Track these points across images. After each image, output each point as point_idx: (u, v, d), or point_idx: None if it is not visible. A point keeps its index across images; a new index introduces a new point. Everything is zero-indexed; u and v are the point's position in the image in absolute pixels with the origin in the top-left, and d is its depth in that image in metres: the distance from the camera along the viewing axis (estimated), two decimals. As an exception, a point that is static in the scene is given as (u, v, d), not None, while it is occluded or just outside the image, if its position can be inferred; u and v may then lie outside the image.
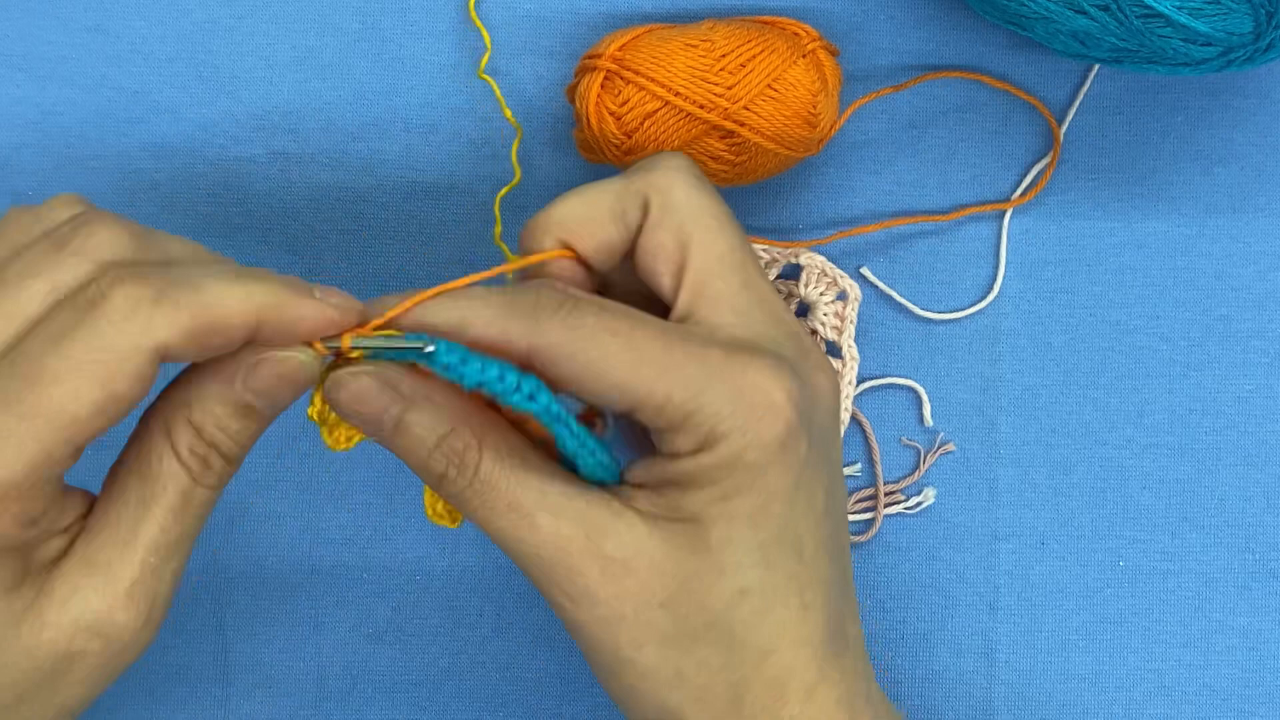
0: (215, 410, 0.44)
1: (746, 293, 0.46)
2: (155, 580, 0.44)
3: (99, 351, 0.41)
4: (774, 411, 0.43)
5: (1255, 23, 0.51)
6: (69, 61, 0.59)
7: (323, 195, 0.59)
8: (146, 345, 0.41)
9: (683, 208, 0.46)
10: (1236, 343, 0.60)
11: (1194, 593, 0.60)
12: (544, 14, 0.59)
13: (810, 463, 0.45)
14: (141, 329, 0.41)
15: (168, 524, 0.44)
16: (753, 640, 0.44)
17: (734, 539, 0.44)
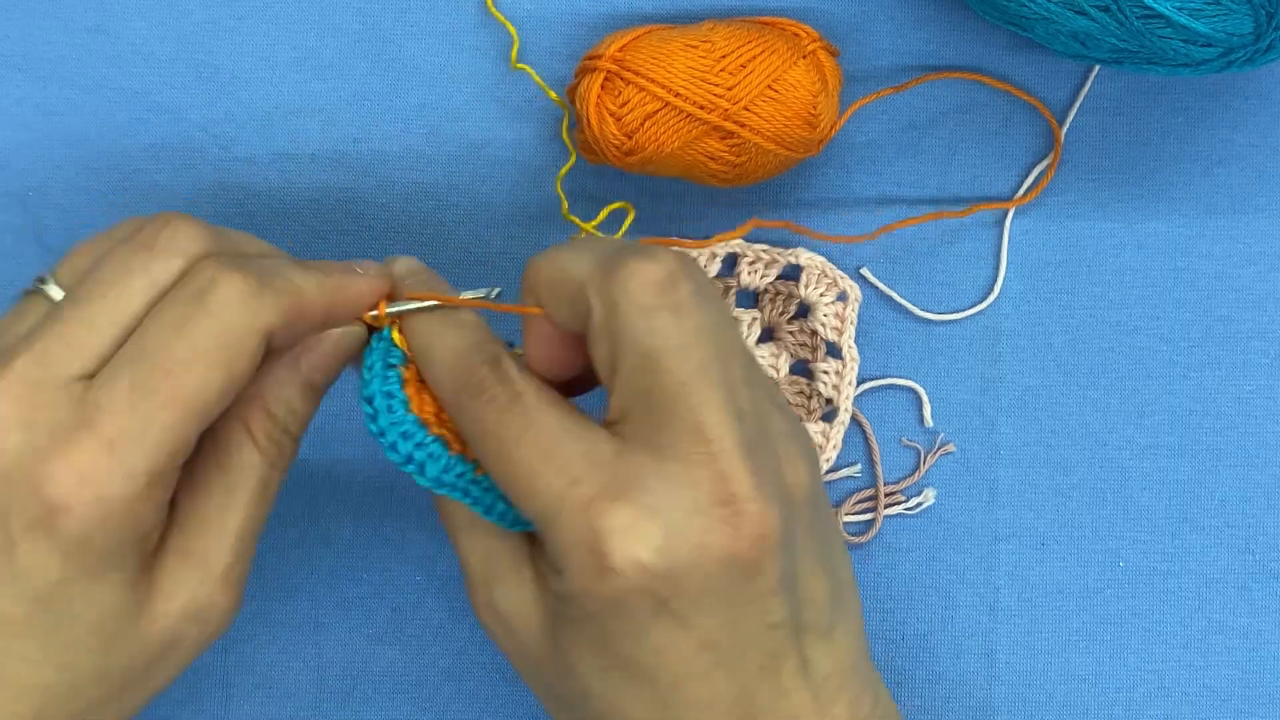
0: (287, 393, 0.48)
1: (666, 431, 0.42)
2: (242, 564, 0.47)
3: (221, 336, 0.44)
4: (605, 575, 0.42)
5: (1255, 23, 0.51)
6: (69, 62, 0.59)
7: (323, 195, 0.59)
8: (259, 327, 0.44)
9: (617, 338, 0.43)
10: (1237, 343, 0.60)
11: (1194, 593, 0.60)
12: (543, 14, 0.59)
13: (669, 616, 0.42)
14: (254, 313, 0.44)
15: (252, 510, 0.47)
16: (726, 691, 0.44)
17: (579, 653, 0.44)
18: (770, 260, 0.59)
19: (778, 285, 0.59)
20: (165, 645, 0.46)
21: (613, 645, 0.43)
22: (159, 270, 0.45)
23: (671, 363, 0.42)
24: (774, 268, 0.59)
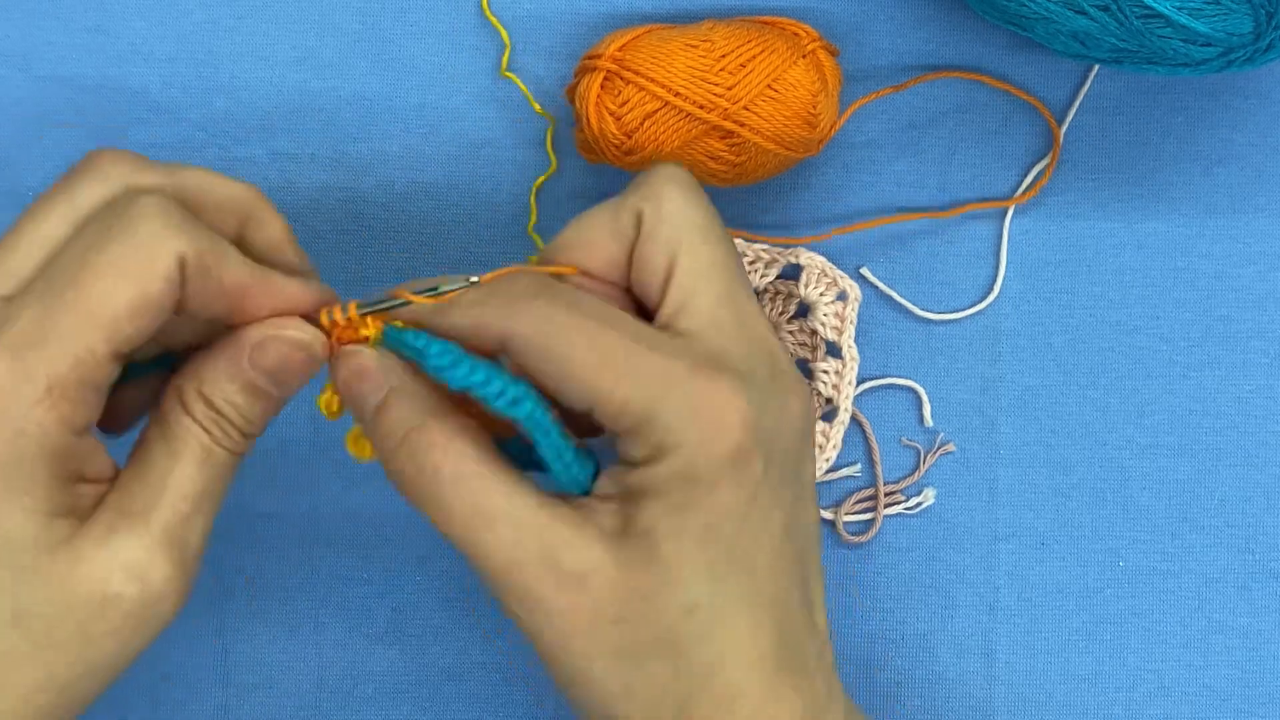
0: (224, 386, 0.46)
1: (726, 308, 0.46)
2: (185, 529, 0.45)
3: (134, 249, 0.43)
4: (726, 430, 0.43)
5: (1255, 23, 0.51)
6: (69, 61, 0.59)
7: (323, 195, 0.59)
8: (174, 248, 0.43)
9: (672, 219, 0.46)
10: (1237, 343, 0.60)
11: (1194, 593, 0.60)
12: (544, 14, 0.59)
13: (767, 484, 0.45)
14: (171, 232, 0.43)
15: (193, 474, 0.46)
16: (700, 656, 0.44)
17: (684, 554, 0.44)
18: (770, 260, 0.59)
19: (778, 285, 0.59)
20: (96, 599, 0.44)
21: (722, 526, 0.44)
22: (81, 195, 0.45)
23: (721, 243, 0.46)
24: (774, 267, 0.59)
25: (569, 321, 0.44)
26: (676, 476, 0.43)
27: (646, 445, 0.43)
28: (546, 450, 0.45)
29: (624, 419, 0.43)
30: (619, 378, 0.43)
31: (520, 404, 0.44)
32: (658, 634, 0.44)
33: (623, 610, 0.44)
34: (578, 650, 0.44)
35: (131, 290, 0.43)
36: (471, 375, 0.44)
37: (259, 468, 0.60)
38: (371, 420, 0.46)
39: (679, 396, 0.43)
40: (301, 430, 0.60)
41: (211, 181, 0.47)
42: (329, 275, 0.59)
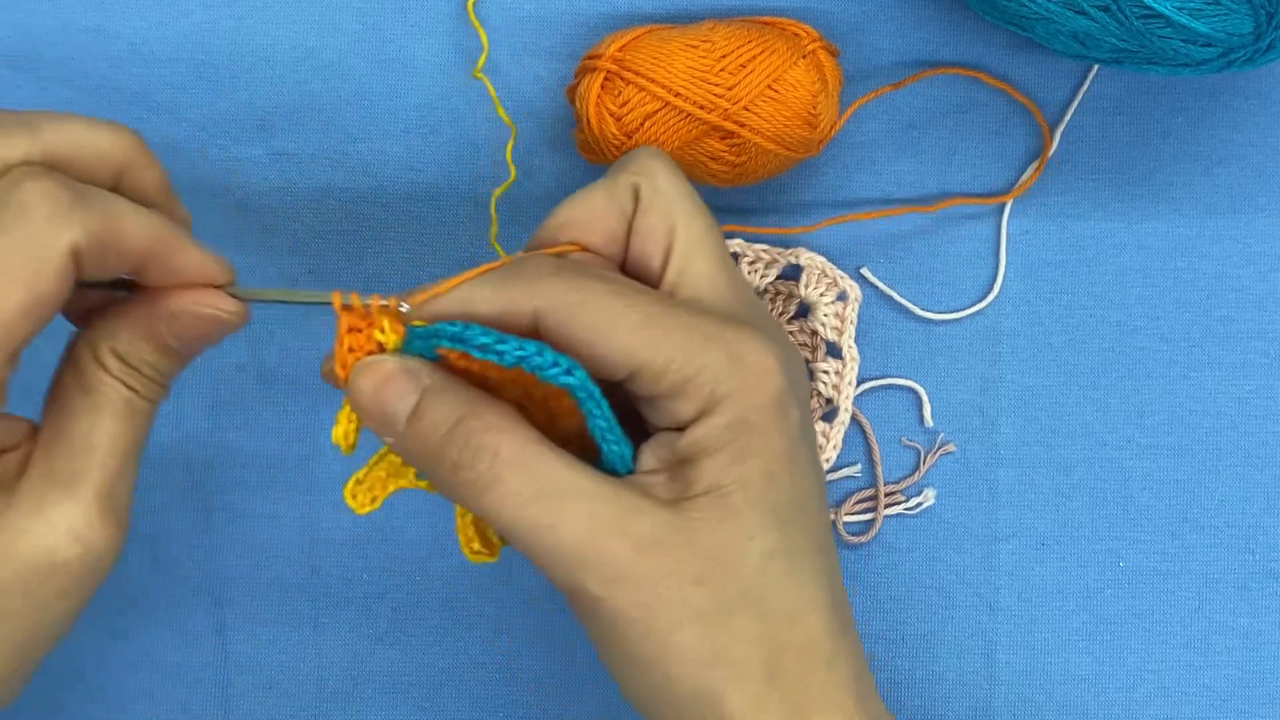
0: (140, 349, 0.46)
1: (723, 272, 0.47)
2: (117, 484, 0.45)
3: (23, 251, 0.42)
4: (768, 375, 0.44)
5: (1255, 23, 0.51)
6: (69, 61, 0.59)
7: (323, 195, 0.59)
8: (66, 244, 0.42)
9: (667, 192, 0.47)
10: (1237, 343, 0.60)
11: (1194, 593, 0.60)
12: (544, 14, 0.59)
13: (803, 429, 0.46)
14: (61, 222, 0.42)
15: (119, 429, 0.45)
16: (782, 605, 0.44)
17: (753, 502, 0.44)
18: (770, 260, 0.59)
19: (778, 285, 0.59)
20: (42, 567, 0.44)
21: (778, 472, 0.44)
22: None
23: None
24: (774, 268, 0.59)
25: (601, 289, 0.44)
26: (732, 426, 0.44)
27: (696, 399, 0.44)
28: (599, 421, 0.44)
29: (668, 377, 0.43)
30: (660, 338, 0.43)
31: (574, 372, 0.43)
32: (741, 587, 0.44)
33: (704, 569, 0.43)
34: (664, 620, 0.43)
35: (22, 293, 0.42)
36: (523, 348, 0.43)
37: (259, 468, 0.60)
38: (406, 428, 0.44)
39: (719, 349, 0.44)
40: (301, 430, 0.60)
41: (83, 136, 0.45)
42: (329, 275, 0.59)
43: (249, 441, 0.60)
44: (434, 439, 0.44)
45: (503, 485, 0.43)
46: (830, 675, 0.45)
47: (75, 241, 0.42)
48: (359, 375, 0.45)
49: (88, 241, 0.42)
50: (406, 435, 0.44)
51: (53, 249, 0.42)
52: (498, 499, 0.43)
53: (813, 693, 0.44)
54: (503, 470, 0.43)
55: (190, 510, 0.60)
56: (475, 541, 0.48)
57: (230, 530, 0.60)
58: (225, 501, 0.60)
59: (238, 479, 0.60)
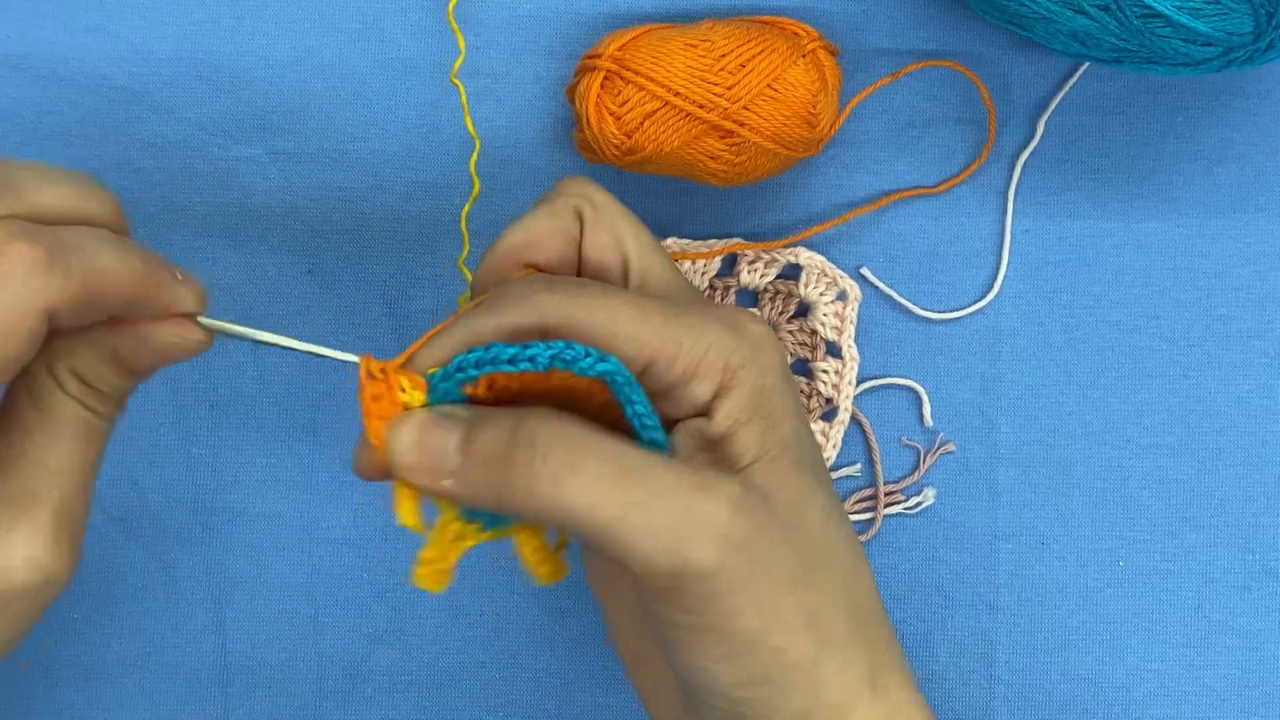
0: (100, 369, 0.45)
1: (673, 275, 0.48)
2: (75, 505, 0.45)
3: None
4: (769, 341, 0.46)
5: (1255, 23, 0.51)
6: (69, 61, 0.59)
7: (323, 195, 0.59)
8: (39, 308, 0.41)
9: (608, 208, 0.48)
10: (1236, 343, 0.60)
11: (1194, 593, 0.60)
12: (544, 14, 0.59)
13: (796, 392, 0.47)
14: (36, 291, 0.41)
15: (77, 449, 0.44)
16: (844, 560, 0.45)
17: (797, 462, 0.45)
18: (770, 259, 0.59)
19: (777, 284, 0.59)
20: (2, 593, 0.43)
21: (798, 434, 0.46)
22: None
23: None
24: (774, 267, 0.59)
25: (598, 292, 0.45)
26: (755, 394, 0.44)
27: (712, 376, 0.44)
28: (638, 407, 0.43)
29: (682, 360, 0.44)
30: (664, 326, 0.44)
31: (608, 359, 0.43)
32: (815, 545, 0.44)
33: (785, 532, 0.43)
34: (769, 587, 0.42)
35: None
36: (552, 347, 0.43)
37: (259, 468, 0.60)
38: (463, 457, 0.43)
39: (718, 325, 0.45)
40: (301, 431, 0.60)
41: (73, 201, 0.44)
42: (328, 275, 0.59)
43: (249, 441, 0.60)
44: (497, 450, 0.42)
45: (584, 471, 0.41)
46: (885, 630, 0.46)
47: (50, 305, 0.41)
48: (395, 431, 0.43)
49: (65, 303, 0.42)
50: (465, 465, 0.43)
51: (26, 316, 0.41)
52: (580, 487, 0.41)
53: (879, 650, 0.45)
54: (579, 456, 0.42)
55: (190, 510, 0.60)
56: (546, 564, 0.46)
57: (230, 530, 0.60)
58: (225, 501, 0.60)
59: (238, 479, 0.60)
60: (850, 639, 0.44)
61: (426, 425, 0.43)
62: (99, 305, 0.43)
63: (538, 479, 0.41)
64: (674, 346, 0.44)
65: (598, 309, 0.44)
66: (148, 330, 0.45)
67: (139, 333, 0.45)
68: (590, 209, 0.48)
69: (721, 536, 0.41)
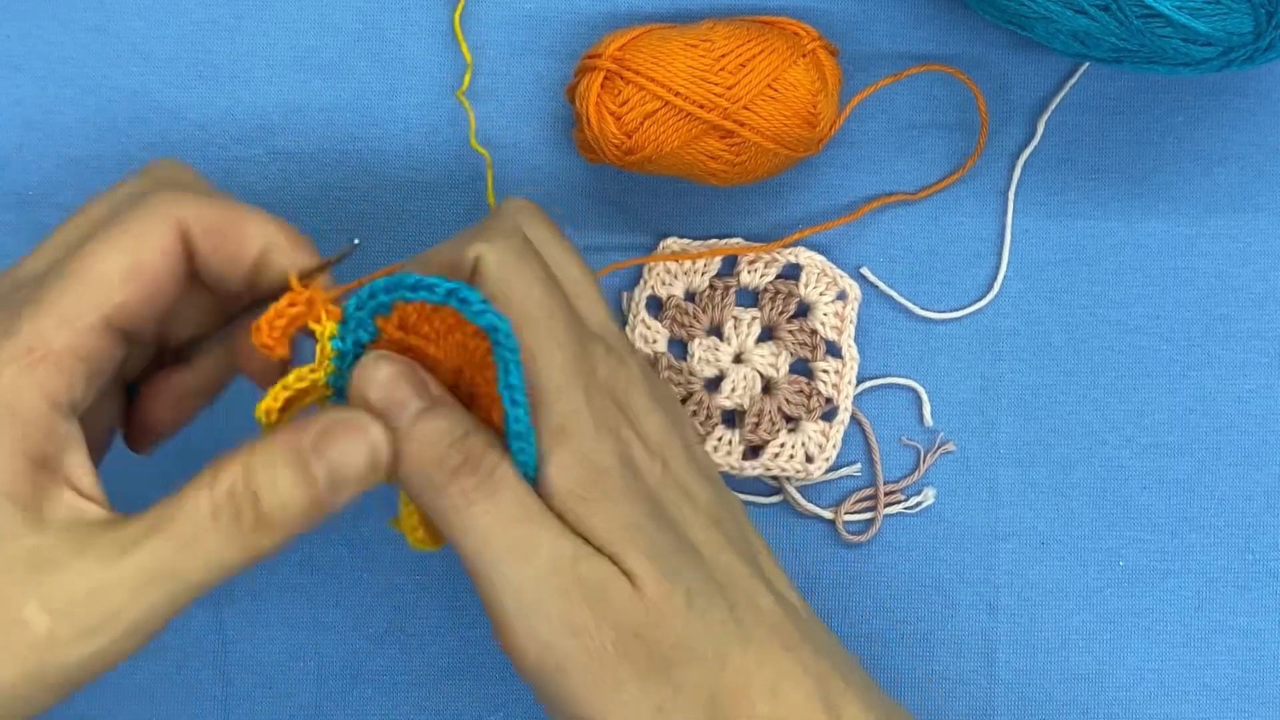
0: (278, 469, 0.43)
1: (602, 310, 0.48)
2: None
3: (128, 223, 0.43)
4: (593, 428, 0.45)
5: (1255, 22, 0.51)
6: (69, 62, 0.59)
7: (323, 195, 0.59)
8: (170, 218, 0.43)
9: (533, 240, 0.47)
10: (1236, 342, 0.60)
11: (1194, 593, 0.60)
12: (544, 14, 0.59)
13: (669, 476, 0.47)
14: (168, 204, 0.44)
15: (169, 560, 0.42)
16: (708, 649, 0.44)
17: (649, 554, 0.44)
18: (770, 259, 0.59)
19: (777, 284, 0.59)
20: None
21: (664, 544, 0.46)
22: (118, 193, 0.46)
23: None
24: (773, 267, 0.59)
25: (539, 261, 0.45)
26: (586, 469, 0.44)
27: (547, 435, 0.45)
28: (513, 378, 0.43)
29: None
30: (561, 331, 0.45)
31: (502, 317, 0.43)
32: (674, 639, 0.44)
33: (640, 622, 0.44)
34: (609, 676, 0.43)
35: (124, 259, 0.43)
36: (451, 284, 0.43)
37: (259, 467, 0.60)
38: (412, 426, 0.44)
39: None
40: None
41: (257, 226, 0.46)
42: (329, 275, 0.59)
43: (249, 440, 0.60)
44: (442, 444, 0.44)
45: (495, 501, 0.43)
46: (776, 705, 0.44)
47: (182, 220, 0.44)
48: (371, 366, 0.44)
49: (198, 225, 0.44)
50: (411, 433, 0.44)
51: (158, 221, 0.43)
52: (484, 512, 0.43)
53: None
54: (499, 488, 0.43)
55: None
56: (420, 530, 0.48)
57: (230, 530, 0.60)
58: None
59: None
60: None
61: (400, 375, 0.44)
62: (230, 241, 0.45)
63: (458, 486, 0.43)
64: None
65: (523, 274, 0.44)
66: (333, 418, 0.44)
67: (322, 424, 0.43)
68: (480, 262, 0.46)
69: (566, 623, 0.43)
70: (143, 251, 0.43)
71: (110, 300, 0.43)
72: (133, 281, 0.43)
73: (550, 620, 0.43)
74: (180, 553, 0.41)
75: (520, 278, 0.45)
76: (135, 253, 0.43)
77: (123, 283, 0.43)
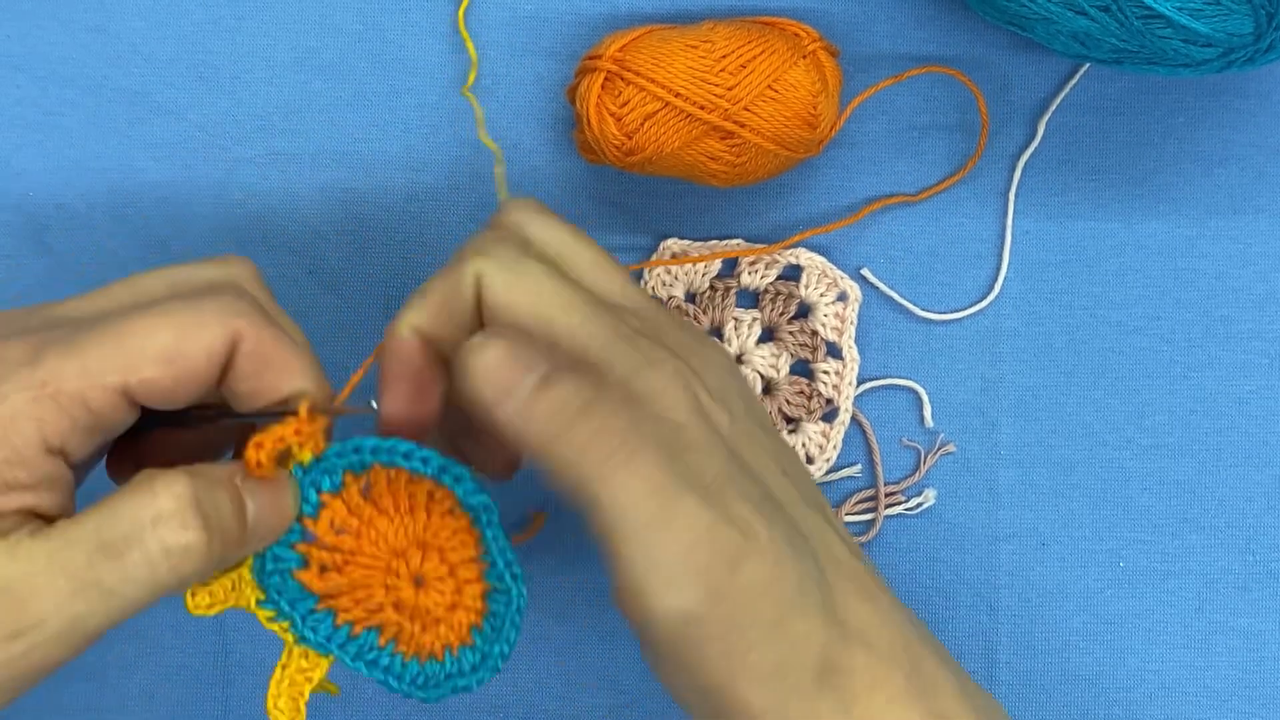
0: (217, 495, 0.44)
1: (629, 290, 0.47)
2: None
3: (184, 310, 0.43)
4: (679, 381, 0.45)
5: (1255, 24, 0.51)
6: (69, 62, 0.59)
7: (323, 195, 0.59)
8: (226, 323, 0.44)
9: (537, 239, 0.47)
10: (1237, 344, 0.60)
11: (1194, 594, 0.60)
12: (544, 14, 0.59)
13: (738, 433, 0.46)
14: (233, 312, 0.44)
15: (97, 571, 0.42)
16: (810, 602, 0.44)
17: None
18: (770, 260, 0.59)
19: (778, 285, 0.59)
20: None
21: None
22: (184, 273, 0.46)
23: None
24: (774, 268, 0.59)
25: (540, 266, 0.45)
26: None
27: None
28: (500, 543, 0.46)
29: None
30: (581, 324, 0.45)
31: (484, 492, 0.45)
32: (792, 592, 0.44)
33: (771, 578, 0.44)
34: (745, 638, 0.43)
35: (169, 342, 0.43)
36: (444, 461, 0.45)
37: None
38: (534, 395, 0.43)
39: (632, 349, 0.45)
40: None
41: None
42: (329, 275, 0.59)
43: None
44: (568, 412, 0.43)
45: (633, 469, 0.42)
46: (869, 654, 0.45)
47: (238, 333, 0.44)
48: (478, 349, 0.43)
49: (248, 345, 0.44)
50: (533, 404, 0.43)
51: (213, 320, 0.44)
52: (623, 482, 0.42)
53: (858, 693, 0.44)
54: (635, 454, 0.42)
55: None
56: (283, 699, 0.47)
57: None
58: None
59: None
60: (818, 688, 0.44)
61: (511, 351, 0.43)
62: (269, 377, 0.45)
63: (593, 455, 0.42)
64: (583, 347, 0.44)
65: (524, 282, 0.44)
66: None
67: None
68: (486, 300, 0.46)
69: (713, 589, 0.42)
70: (188, 344, 0.43)
71: (139, 372, 0.43)
72: (167, 365, 0.43)
73: (693, 589, 0.42)
74: (109, 565, 0.42)
75: (524, 281, 0.45)
76: (181, 341, 0.43)
77: (156, 362, 0.43)
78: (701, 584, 0.42)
